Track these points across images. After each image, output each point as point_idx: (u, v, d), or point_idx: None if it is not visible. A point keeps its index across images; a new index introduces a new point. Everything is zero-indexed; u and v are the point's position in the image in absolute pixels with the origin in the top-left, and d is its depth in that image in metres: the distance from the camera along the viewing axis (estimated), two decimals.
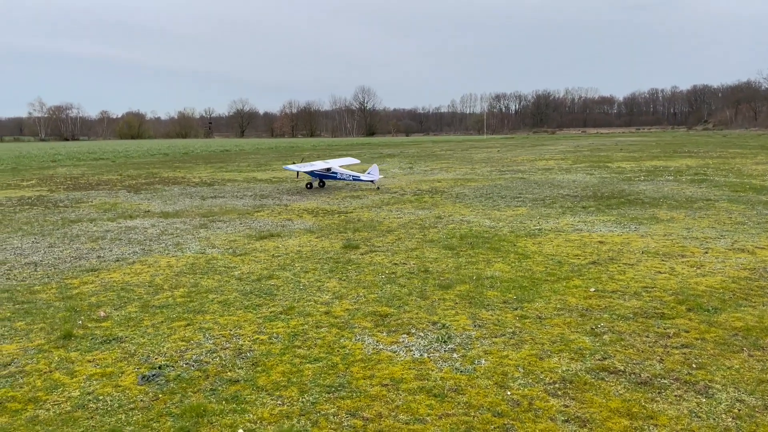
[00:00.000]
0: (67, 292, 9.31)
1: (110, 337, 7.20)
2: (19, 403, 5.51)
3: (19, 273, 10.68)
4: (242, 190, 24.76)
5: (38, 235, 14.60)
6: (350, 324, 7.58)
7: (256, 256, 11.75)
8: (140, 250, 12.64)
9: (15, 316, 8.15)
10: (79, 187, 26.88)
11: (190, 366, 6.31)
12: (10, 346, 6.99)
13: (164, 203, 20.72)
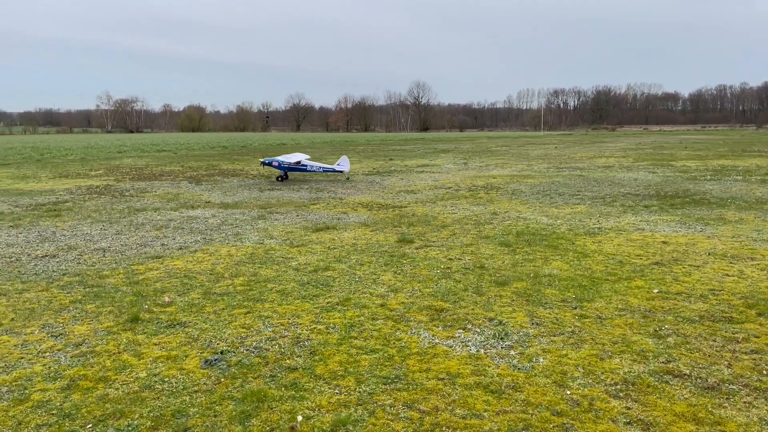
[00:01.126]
0: (133, 278, 9.69)
1: (175, 322, 7.45)
2: (90, 381, 5.78)
3: (89, 258, 11.18)
4: (298, 183, 25.15)
5: (106, 222, 15.24)
6: (405, 317, 7.60)
7: (312, 248, 11.92)
8: (202, 239, 13.02)
9: (86, 298, 8.54)
10: (143, 178, 27.91)
11: (250, 352, 6.47)
12: (82, 327, 7.33)
13: (224, 194, 21.27)
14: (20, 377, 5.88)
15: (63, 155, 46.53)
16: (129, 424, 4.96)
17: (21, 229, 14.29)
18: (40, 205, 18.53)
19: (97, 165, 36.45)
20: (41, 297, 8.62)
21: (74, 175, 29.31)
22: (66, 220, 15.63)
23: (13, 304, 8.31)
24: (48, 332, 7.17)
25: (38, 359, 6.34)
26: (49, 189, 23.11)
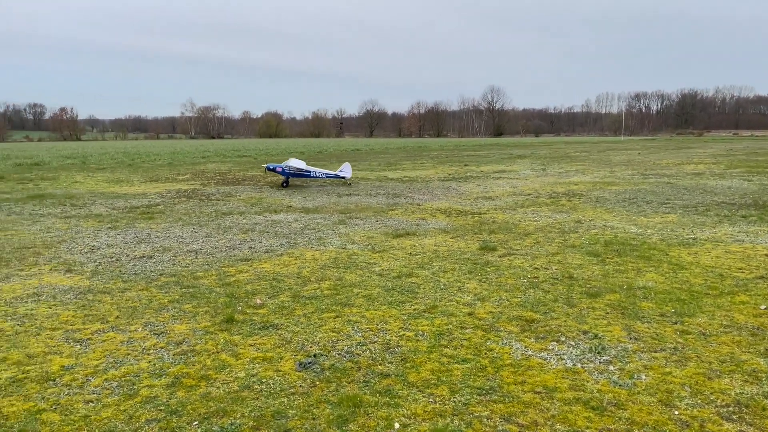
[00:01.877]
0: (225, 279, 10.03)
1: (267, 324, 7.65)
2: (192, 379, 6.01)
3: (182, 259, 11.68)
4: (375, 189, 25.36)
5: (196, 225, 15.89)
6: (495, 327, 7.46)
7: (394, 254, 11.96)
8: (286, 242, 13.33)
9: (183, 299, 8.91)
10: (227, 182, 28.96)
11: (342, 356, 6.53)
12: (181, 326, 7.64)
13: (304, 199, 21.73)
14: (128, 373, 6.19)
15: (152, 160, 48.99)
16: (232, 423, 5.11)
17: (119, 230, 15.13)
18: (135, 207, 19.56)
19: (184, 170, 38.13)
20: (142, 296, 9.06)
21: (163, 179, 30.78)
22: (159, 222, 16.41)
23: (116, 302, 8.78)
24: (150, 330, 7.52)
25: (143, 356, 6.66)
26: (141, 192, 24.38)
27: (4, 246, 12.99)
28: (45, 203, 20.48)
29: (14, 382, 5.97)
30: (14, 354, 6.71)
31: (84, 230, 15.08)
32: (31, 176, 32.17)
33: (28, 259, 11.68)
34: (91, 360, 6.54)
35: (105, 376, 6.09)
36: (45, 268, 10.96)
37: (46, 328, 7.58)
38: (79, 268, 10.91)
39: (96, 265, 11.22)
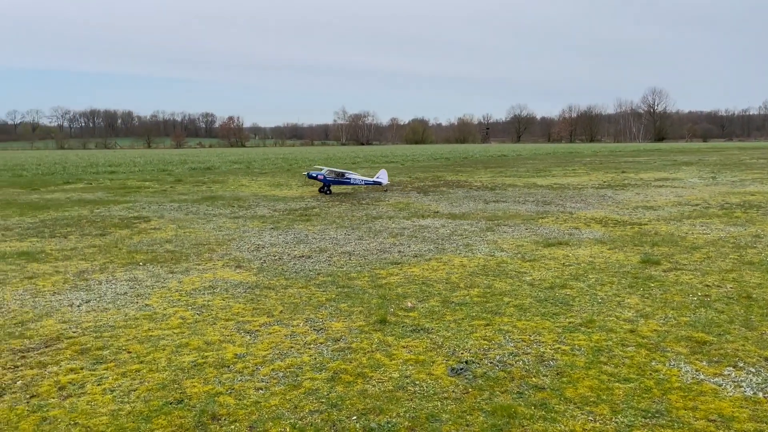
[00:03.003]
0: (377, 281, 10.36)
1: (418, 327, 7.78)
2: (350, 376, 6.28)
3: (337, 260, 12.25)
4: (524, 196, 24.77)
5: (349, 228, 16.59)
6: (661, 347, 6.95)
7: (545, 264, 11.59)
8: (434, 248, 13.47)
9: (339, 298, 9.35)
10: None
11: (494, 365, 6.46)
12: (338, 324, 8.02)
13: (451, 205, 21.81)
14: (292, 365, 6.62)
15: (307, 165, 51.98)
16: (388, 421, 5.26)
17: (280, 231, 16.23)
18: (293, 210, 20.88)
19: None
20: (302, 293, 9.65)
21: (318, 184, 32.49)
22: (315, 224, 17.36)
23: (280, 297, 9.43)
24: (311, 326, 7.98)
25: (305, 350, 7.09)
26: (298, 196, 25.96)
27: (183, 242, 14.50)
28: (216, 204, 22.56)
29: (195, 366, 6.64)
30: (195, 340, 7.46)
31: (250, 230, 16.38)
32: (204, 179, 35.58)
33: (203, 255, 12.93)
34: (260, 350, 7.08)
35: (272, 366, 6.57)
36: (218, 263, 12.07)
37: (221, 319, 8.34)
38: (247, 265, 11.88)
39: (261, 262, 12.13)
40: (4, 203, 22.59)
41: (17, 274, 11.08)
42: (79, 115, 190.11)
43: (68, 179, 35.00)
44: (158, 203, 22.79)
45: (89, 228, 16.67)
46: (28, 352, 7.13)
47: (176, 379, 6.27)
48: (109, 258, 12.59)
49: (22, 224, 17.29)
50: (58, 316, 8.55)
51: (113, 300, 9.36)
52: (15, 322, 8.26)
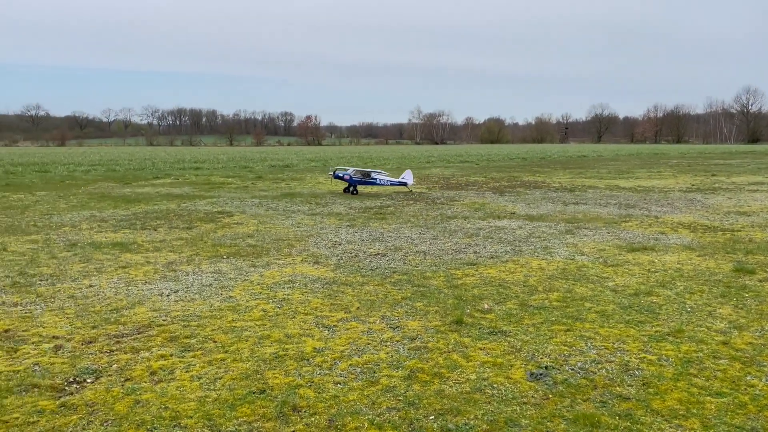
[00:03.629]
0: (453, 282, 10.31)
1: (495, 330, 7.68)
2: (427, 375, 6.28)
3: (412, 259, 12.28)
4: (605, 198, 23.93)
5: (423, 227, 16.59)
6: (757, 361, 6.54)
7: (629, 269, 11.16)
8: (511, 249, 13.24)
9: (414, 296, 9.37)
10: (451, 187, 29.75)
11: (576, 372, 6.29)
12: (414, 323, 8.04)
13: (528, 206, 21.37)
14: (369, 361, 6.70)
15: (382, 164, 52.38)
16: (466, 423, 5.23)
17: (356, 228, 16.44)
18: (369, 208, 21.09)
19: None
20: (378, 291, 9.74)
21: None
22: (390, 223, 17.47)
23: (357, 294, 9.56)
24: (387, 323, 8.05)
25: (382, 347, 7.15)
26: (374, 193, 26.18)
27: (264, 237, 14.96)
28: (295, 201, 23.12)
29: (276, 358, 6.84)
30: (276, 333, 7.68)
31: (327, 227, 16.69)
32: (283, 177, 36.56)
33: (283, 250, 13.29)
34: (338, 345, 7.21)
35: (350, 362, 6.68)
36: (297, 259, 12.37)
37: (300, 313, 8.55)
38: (324, 261, 12.11)
39: (338, 259, 12.34)
40: (100, 196, 24.09)
41: (112, 264, 11.79)
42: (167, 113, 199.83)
43: (157, 174, 36.88)
44: (240, 199, 23.62)
45: (177, 221, 17.50)
46: (123, 337, 7.57)
47: (258, 369, 6.48)
48: (195, 251, 13.17)
49: (115, 216, 18.38)
50: (149, 304, 9.03)
51: (199, 291, 9.78)
52: (110, 308, 8.80)
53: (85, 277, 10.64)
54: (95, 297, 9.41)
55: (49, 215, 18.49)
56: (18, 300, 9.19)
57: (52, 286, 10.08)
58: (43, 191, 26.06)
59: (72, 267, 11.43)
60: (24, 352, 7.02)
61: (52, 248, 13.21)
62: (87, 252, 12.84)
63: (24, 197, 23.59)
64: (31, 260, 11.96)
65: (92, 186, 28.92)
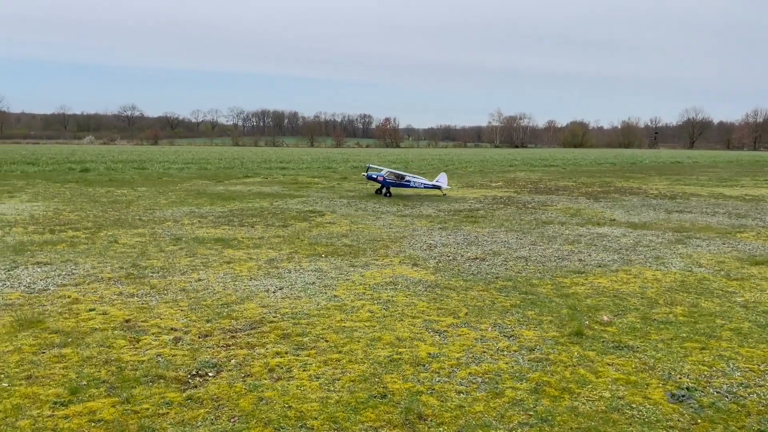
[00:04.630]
0: (562, 290, 9.82)
1: (621, 344, 7.18)
2: (555, 389, 5.92)
3: (514, 265, 11.85)
4: (711, 207, 22.44)
5: (519, 232, 16.06)
6: None
7: (757, 284, 10.27)
8: (618, 258, 12.55)
9: (524, 304, 8.97)
10: (540, 191, 28.86)
11: (722, 396, 5.74)
12: (529, 332, 7.66)
13: (627, 213, 20.34)
14: (489, 371, 6.40)
15: (463, 167, 51.78)
16: None
17: (449, 231, 16.14)
18: (458, 211, 20.73)
19: (495, 177, 39.30)
20: (484, 296, 9.40)
21: (478, 186, 32.14)
22: (483, 226, 17.05)
23: (462, 299, 9.27)
24: (500, 331, 7.71)
25: (500, 356, 6.83)
26: (460, 197, 25.79)
27: (358, 237, 14.93)
28: (382, 202, 23.08)
29: (392, 361, 6.67)
30: (386, 335, 7.52)
31: (419, 229, 16.48)
32: None
33: (379, 251, 13.18)
34: (453, 352, 6.95)
35: (468, 370, 6.40)
36: (395, 260, 12.22)
37: (407, 315, 8.36)
38: (422, 263, 11.90)
39: (436, 262, 12.09)
40: (196, 193, 24.99)
41: (217, 258, 12.06)
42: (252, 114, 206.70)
43: (247, 173, 37.99)
44: (329, 198, 23.86)
45: (272, 219, 17.82)
46: (237, 332, 7.64)
47: (376, 372, 6.32)
48: (294, 248, 13.29)
49: (213, 213, 18.95)
50: (257, 300, 9.11)
51: (303, 289, 9.80)
52: (221, 303, 8.93)
53: (193, 271, 10.92)
54: (205, 291, 9.61)
55: (152, 210, 19.30)
56: (134, 291, 9.52)
57: (164, 278, 10.40)
58: (143, 187, 27.36)
59: (180, 261, 11.78)
60: (146, 343, 7.20)
61: (158, 242, 13.71)
62: (191, 246, 13.23)
63: (127, 192, 24.84)
64: (142, 253, 12.44)
65: (188, 183, 30.11)
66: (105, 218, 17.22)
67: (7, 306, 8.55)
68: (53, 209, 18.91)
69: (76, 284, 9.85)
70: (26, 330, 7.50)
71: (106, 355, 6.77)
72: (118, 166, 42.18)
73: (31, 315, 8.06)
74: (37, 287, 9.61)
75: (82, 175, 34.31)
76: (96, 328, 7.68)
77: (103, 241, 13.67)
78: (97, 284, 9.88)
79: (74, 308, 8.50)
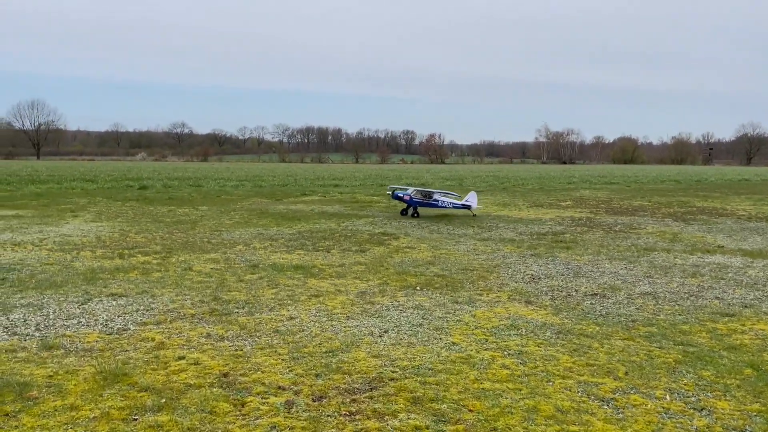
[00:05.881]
0: (724, 340, 8.21)
1: None
2: None
3: (643, 303, 10.26)
4: None
5: (624, 261, 14.40)
6: None
7: None
8: (763, 296, 10.82)
9: (689, 361, 7.41)
10: (617, 212, 26.95)
11: None
12: (723, 404, 6.11)
13: (731, 239, 18.40)
14: None
15: (520, 184, 49.91)
16: None
17: (544, 259, 14.58)
18: (541, 234, 19.13)
19: (560, 195, 37.38)
20: (634, 348, 7.87)
21: (546, 205, 30.38)
22: (579, 253, 15.43)
23: (608, 350, 7.76)
24: (683, 401, 6.18)
25: None
26: (535, 218, 24.12)
27: (447, 265, 13.54)
28: (454, 223, 21.66)
29: None
30: (542, 404, 6.08)
31: (509, 255, 14.99)
32: None
33: (477, 283, 11.76)
34: None
35: None
36: (501, 295, 10.77)
37: (554, 374, 6.91)
38: (535, 300, 10.43)
39: (550, 298, 10.60)
40: (259, 213, 24.07)
41: (302, 291, 10.86)
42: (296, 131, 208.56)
43: (303, 191, 37.13)
44: (396, 219, 22.58)
45: (345, 242, 16.61)
46: (355, 394, 6.33)
47: None
48: (382, 278, 12.00)
49: (283, 235, 17.87)
50: (365, 347, 7.81)
51: (413, 333, 8.46)
52: (325, 350, 7.66)
53: (281, 307, 9.72)
54: (301, 333, 8.37)
55: (219, 231, 18.37)
56: (223, 332, 8.35)
57: (251, 315, 9.23)
58: (204, 206, 26.64)
59: (263, 293, 10.62)
60: (253, 408, 5.95)
61: (235, 269, 12.62)
62: (271, 275, 12.09)
63: (189, 212, 24.10)
64: (220, 283, 11.34)
65: (247, 202, 29.32)
66: (173, 241, 16.31)
67: (86, 352, 7.47)
68: (119, 230, 18.16)
69: (157, 322, 8.75)
70: (111, 386, 6.36)
71: (210, 425, 5.55)
72: (174, 183, 41.99)
73: (115, 365, 6.95)
74: (115, 326, 8.54)
75: (140, 192, 34.03)
76: (191, 384, 6.49)
77: (176, 267, 12.66)
78: (180, 323, 8.76)
79: (161, 355, 7.36)
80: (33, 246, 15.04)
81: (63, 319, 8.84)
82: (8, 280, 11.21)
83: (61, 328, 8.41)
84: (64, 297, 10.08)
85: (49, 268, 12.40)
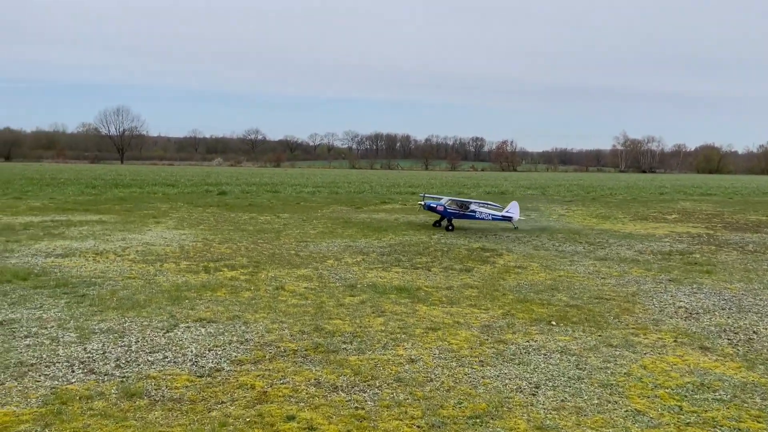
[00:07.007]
0: None
1: None
2: None
3: None
4: None
5: None
6: None
7: None
8: None
9: None
10: (737, 228, 23.93)
11: None
12: None
13: None
14: None
15: (609, 194, 46.68)
16: None
17: (685, 285, 12.33)
18: (664, 253, 16.73)
19: (661, 207, 34.21)
20: None
21: (651, 218, 27.57)
22: (726, 279, 13.04)
23: None
24: None
25: None
26: (646, 234, 21.55)
27: (573, 292, 11.54)
28: (557, 238, 19.49)
29: None
30: None
31: (641, 280, 12.80)
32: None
33: (622, 317, 9.75)
34: None
35: None
36: (664, 336, 8.71)
37: None
38: (711, 346, 8.32)
39: (728, 342, 8.46)
40: (342, 222, 22.67)
41: (414, 321, 9.18)
42: (365, 138, 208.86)
43: (382, 199, 35.66)
44: (492, 232, 20.63)
45: (444, 258, 14.86)
46: None
47: None
48: (503, 308, 10.16)
49: (373, 248, 16.30)
50: (518, 410, 6.02)
51: (574, 391, 6.59)
52: (468, 414, 5.93)
53: (396, 343, 8.07)
54: (430, 384, 6.67)
55: (304, 242, 17.00)
56: (334, 379, 6.76)
57: (363, 354, 7.62)
58: (285, 213, 25.54)
59: (370, 322, 9.00)
60: None
61: (331, 290, 11.10)
62: (373, 299, 10.48)
63: (271, 219, 23.00)
64: (318, 308, 9.81)
65: (327, 209, 28.08)
66: (259, 252, 15.04)
67: (175, 403, 6.02)
68: (201, 239, 17.10)
69: (254, 361, 7.27)
70: None
71: None
72: (252, 188, 41.54)
73: (211, 428, 5.44)
74: (207, 365, 7.11)
75: (220, 198, 33.51)
76: None
77: (266, 286, 11.27)
78: (282, 362, 7.24)
79: (265, 413, 5.83)
80: (115, 256, 14.09)
81: (146, 352, 7.51)
82: (88, 298, 10.10)
83: (145, 365, 7.06)
84: (147, 321, 8.80)
85: (131, 283, 11.27)
